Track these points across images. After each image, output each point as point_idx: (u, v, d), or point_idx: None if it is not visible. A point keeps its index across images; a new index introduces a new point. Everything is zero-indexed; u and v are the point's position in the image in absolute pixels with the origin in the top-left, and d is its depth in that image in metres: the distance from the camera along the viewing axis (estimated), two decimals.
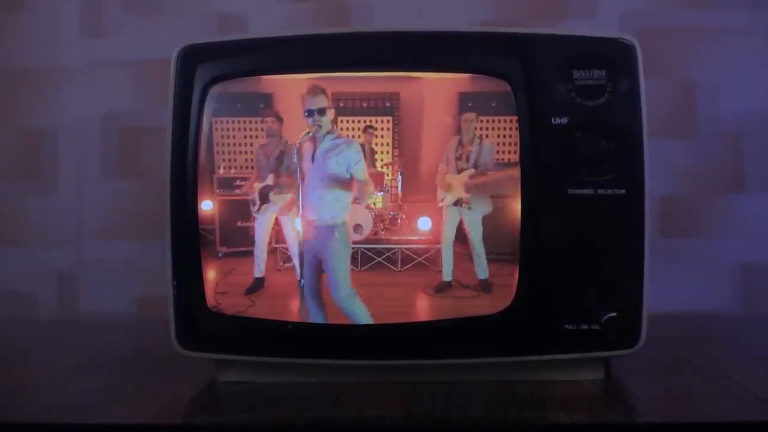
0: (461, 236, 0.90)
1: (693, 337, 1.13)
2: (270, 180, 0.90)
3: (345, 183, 0.90)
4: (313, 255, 0.90)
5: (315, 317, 0.89)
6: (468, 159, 0.89)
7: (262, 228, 0.91)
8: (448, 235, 0.90)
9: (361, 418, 0.76)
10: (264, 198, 0.90)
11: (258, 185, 0.91)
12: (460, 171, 0.89)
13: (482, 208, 0.89)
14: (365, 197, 0.91)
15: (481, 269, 0.88)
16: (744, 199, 1.35)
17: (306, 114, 0.88)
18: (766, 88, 1.34)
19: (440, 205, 0.90)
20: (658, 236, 1.33)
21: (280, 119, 0.90)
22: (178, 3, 1.40)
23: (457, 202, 0.89)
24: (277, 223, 0.92)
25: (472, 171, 0.88)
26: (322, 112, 0.88)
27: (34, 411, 0.80)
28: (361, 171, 0.90)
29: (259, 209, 0.90)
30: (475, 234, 0.88)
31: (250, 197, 0.90)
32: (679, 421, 0.74)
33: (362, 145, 0.91)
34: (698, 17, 1.35)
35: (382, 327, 0.86)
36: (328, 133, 0.89)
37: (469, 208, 0.88)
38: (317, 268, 0.90)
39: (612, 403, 0.80)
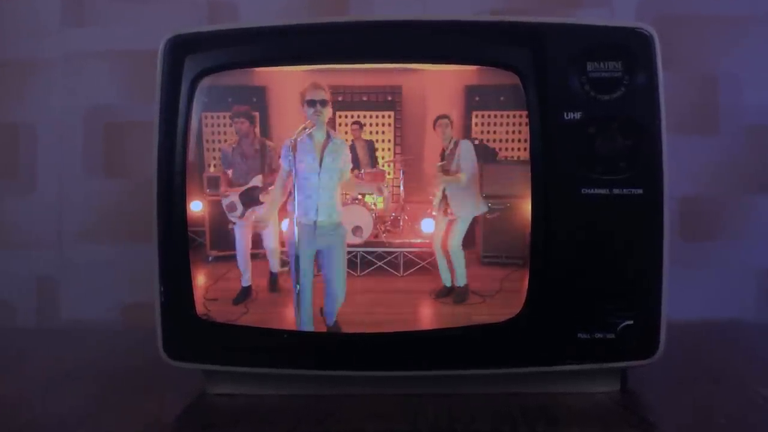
0: (468, 240, 0.90)
1: (715, 346, 1.13)
2: (257, 181, 0.90)
3: (347, 183, 0.92)
4: (312, 253, 0.90)
5: (308, 321, 0.89)
6: (449, 169, 0.90)
7: (244, 236, 0.91)
8: (437, 242, 0.91)
9: None
10: (252, 201, 0.90)
11: (238, 189, 0.91)
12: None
13: (466, 212, 0.89)
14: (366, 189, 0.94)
15: (460, 277, 0.89)
16: None
17: (307, 104, 0.88)
18: None
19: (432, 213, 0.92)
20: (678, 239, 1.33)
21: (251, 118, 0.90)
22: None
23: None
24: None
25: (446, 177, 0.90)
26: (324, 103, 0.88)
27: (12, 426, 0.80)
28: (348, 173, 0.92)
29: (243, 214, 0.90)
30: (454, 239, 0.89)
31: (226, 203, 0.90)
32: None
33: (351, 144, 0.92)
34: (720, 5, 1.35)
35: (383, 336, 0.86)
36: (327, 133, 0.90)
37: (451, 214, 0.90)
38: (314, 267, 0.90)
39: (628, 417, 0.80)
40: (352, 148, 0.92)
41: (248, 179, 0.91)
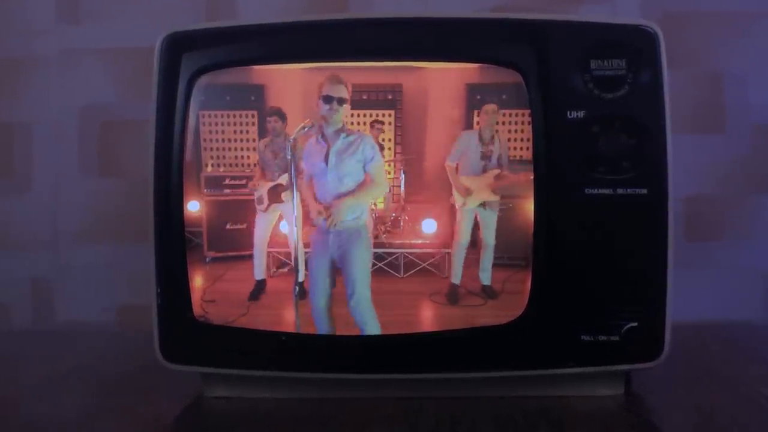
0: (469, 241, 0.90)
1: (720, 348, 1.13)
2: (283, 180, 0.90)
3: (362, 182, 0.90)
4: (328, 261, 0.90)
5: (322, 328, 0.89)
6: (491, 158, 0.89)
7: (264, 228, 0.91)
8: (465, 238, 0.90)
9: None
10: (276, 197, 0.91)
11: (267, 183, 0.91)
12: (484, 171, 0.89)
13: (496, 208, 0.89)
14: (373, 197, 0.91)
15: (486, 274, 0.88)
16: None
17: (323, 100, 0.88)
18: None
19: (458, 206, 0.90)
20: (683, 239, 1.32)
21: (283, 116, 0.90)
22: None
23: (482, 205, 0.89)
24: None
25: (497, 171, 0.89)
26: (341, 101, 0.88)
27: (8, 429, 0.80)
28: (376, 168, 0.90)
29: (267, 208, 0.91)
30: (491, 236, 0.88)
31: (256, 195, 0.91)
32: None
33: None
34: (726, 2, 1.35)
35: (383, 338, 0.86)
36: (339, 131, 0.89)
37: (489, 209, 0.89)
38: (331, 274, 0.90)
39: (632, 421, 0.80)
40: None
41: (276, 176, 0.91)
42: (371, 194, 0.91)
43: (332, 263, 0.90)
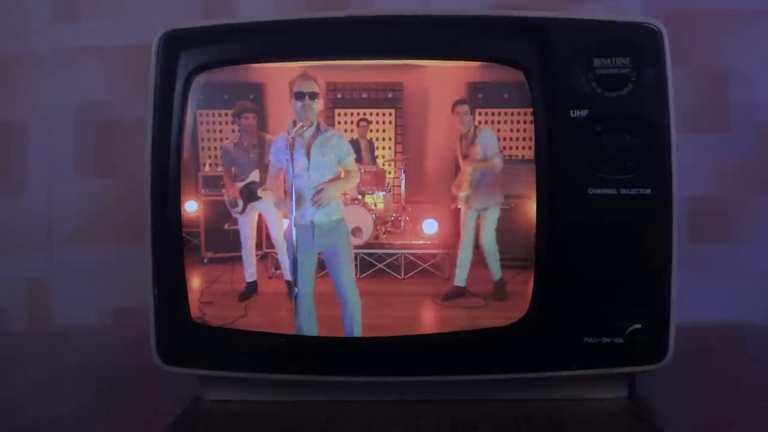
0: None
1: (725, 351, 1.13)
2: (255, 176, 0.90)
3: (338, 176, 0.91)
4: (313, 256, 0.90)
5: (308, 327, 0.89)
6: (467, 155, 0.89)
7: (248, 228, 0.92)
8: (468, 237, 0.90)
9: None
10: (251, 196, 0.91)
11: (236, 184, 0.91)
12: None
13: (495, 202, 0.89)
14: (349, 188, 0.93)
15: (495, 272, 0.88)
16: None
17: (295, 97, 0.88)
18: None
19: (458, 206, 0.90)
20: (687, 240, 1.33)
21: (256, 112, 0.90)
22: None
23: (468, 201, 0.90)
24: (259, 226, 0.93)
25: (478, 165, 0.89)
26: (313, 96, 0.88)
27: (3, 431, 0.80)
28: (352, 162, 0.91)
29: (243, 209, 0.91)
30: (489, 233, 0.89)
31: (228, 199, 0.91)
32: None
33: (356, 141, 0.92)
34: None
35: (383, 340, 0.86)
36: (319, 125, 0.90)
37: (484, 207, 0.89)
38: (315, 271, 0.90)
39: (636, 424, 0.80)
40: (356, 144, 0.92)
41: (248, 175, 0.91)
42: (349, 184, 0.93)
43: (317, 258, 0.90)
